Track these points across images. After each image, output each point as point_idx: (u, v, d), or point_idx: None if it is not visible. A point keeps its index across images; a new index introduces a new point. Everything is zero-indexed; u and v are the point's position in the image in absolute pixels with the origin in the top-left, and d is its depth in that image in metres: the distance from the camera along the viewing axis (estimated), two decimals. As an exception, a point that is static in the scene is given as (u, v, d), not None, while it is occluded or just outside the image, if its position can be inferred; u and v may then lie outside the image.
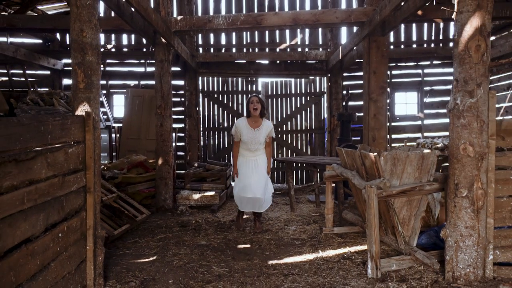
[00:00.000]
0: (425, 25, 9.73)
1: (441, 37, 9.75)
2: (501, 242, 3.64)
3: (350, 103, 9.68)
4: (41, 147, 2.86)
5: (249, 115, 5.52)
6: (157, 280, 3.84)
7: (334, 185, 6.58)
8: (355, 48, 7.93)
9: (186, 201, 6.82)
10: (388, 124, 9.72)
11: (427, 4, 5.24)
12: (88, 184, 3.52)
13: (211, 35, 9.93)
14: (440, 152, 5.46)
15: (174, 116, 8.98)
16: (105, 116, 9.78)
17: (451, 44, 9.58)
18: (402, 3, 5.26)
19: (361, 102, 7.28)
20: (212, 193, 6.91)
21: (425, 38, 9.84)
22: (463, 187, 3.51)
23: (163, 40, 6.55)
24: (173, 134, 9.43)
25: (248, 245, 4.91)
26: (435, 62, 9.99)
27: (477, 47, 3.44)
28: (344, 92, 9.59)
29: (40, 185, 2.80)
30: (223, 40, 9.96)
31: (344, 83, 9.91)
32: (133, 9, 5.40)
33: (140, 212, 6.14)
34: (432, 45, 9.80)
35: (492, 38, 9.41)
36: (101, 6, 9.31)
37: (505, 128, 3.63)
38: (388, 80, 9.86)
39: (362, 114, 6.79)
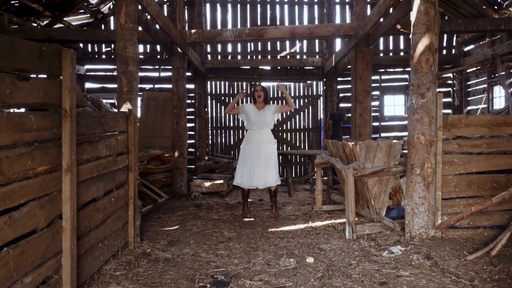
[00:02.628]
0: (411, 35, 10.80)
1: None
2: (448, 210, 4.69)
3: (343, 104, 10.79)
4: (102, 133, 3.95)
5: (255, 102, 6.28)
6: (181, 241, 4.92)
7: (326, 178, 7.65)
8: (347, 56, 9.00)
9: (199, 188, 7.91)
10: (378, 123, 10.83)
11: (400, 21, 6.32)
12: (130, 164, 4.60)
13: (219, 44, 11.06)
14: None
15: (186, 116, 10.10)
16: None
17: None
18: (381, 20, 6.34)
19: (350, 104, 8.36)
20: (221, 181, 8.01)
21: (412, 46, 10.92)
22: (417, 166, 4.58)
23: (179, 50, 7.66)
24: (185, 133, 10.54)
25: (252, 219, 6.02)
26: (420, 68, 11.03)
27: (426, 60, 4.51)
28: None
29: (102, 160, 3.88)
30: (229, 49, 11.10)
31: (338, 86, 10.99)
32: (157, 26, 6.49)
33: (160, 196, 7.22)
34: (418, 52, 10.86)
35: (471, 46, 10.50)
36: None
37: (450, 122, 4.69)
38: (378, 84, 10.95)
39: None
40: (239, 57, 11.09)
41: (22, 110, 2.85)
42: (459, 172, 4.69)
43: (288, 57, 11.00)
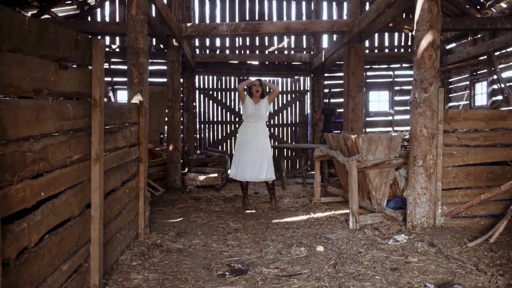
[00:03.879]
0: (396, 33, 11.12)
1: (409, 43, 11.16)
2: (447, 200, 4.92)
3: (333, 100, 11.00)
4: (120, 124, 3.97)
5: (251, 96, 6.39)
6: (188, 232, 4.98)
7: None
8: (336, 52, 9.19)
9: (193, 182, 7.95)
10: (363, 119, 11.08)
11: (396, 18, 6.53)
12: (141, 156, 4.62)
13: (207, 38, 11.07)
14: (407, 142, 6.81)
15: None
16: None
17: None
18: (377, 18, 6.52)
19: (340, 100, 8.58)
20: (215, 175, 8.07)
21: (396, 44, 11.24)
22: (419, 158, 4.78)
23: (175, 43, 7.66)
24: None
25: (254, 211, 6.13)
26: (404, 65, 11.39)
27: (429, 56, 4.71)
28: (326, 90, 10.91)
29: (119, 151, 3.90)
30: (218, 43, 11.13)
31: (325, 82, 11.20)
32: (156, 18, 6.49)
33: (156, 190, 7.23)
34: (402, 50, 11.21)
35: (453, 45, 10.87)
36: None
37: (450, 116, 4.91)
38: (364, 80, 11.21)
39: (342, 110, 8.06)
40: (227, 51, 11.14)
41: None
42: (458, 163, 4.92)
43: (276, 52, 11.12)
